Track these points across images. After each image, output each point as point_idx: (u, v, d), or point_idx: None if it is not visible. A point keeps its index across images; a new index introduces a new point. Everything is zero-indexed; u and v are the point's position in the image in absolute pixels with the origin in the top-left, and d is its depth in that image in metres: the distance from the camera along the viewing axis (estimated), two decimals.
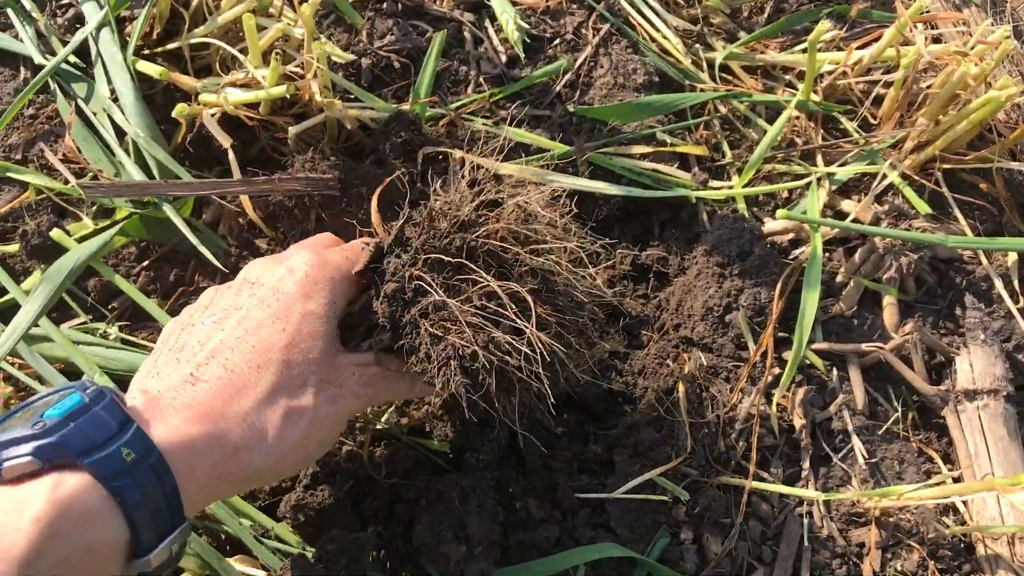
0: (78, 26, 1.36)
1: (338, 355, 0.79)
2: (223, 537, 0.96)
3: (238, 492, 0.75)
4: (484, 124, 1.29)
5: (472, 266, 0.78)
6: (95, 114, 1.25)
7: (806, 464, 1.10)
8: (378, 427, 1.03)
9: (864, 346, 1.16)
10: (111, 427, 0.62)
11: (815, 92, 1.38)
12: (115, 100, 1.25)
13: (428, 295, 0.77)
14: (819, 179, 1.29)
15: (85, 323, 1.15)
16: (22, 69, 1.35)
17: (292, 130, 1.20)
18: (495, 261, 0.80)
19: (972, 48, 1.27)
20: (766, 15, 1.52)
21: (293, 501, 0.96)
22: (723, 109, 1.39)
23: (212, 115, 1.19)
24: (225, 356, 0.72)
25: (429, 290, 0.77)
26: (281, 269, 0.80)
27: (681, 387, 1.11)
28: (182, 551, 0.67)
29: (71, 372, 1.07)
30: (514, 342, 0.76)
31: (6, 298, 1.13)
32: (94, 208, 1.22)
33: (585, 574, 1.00)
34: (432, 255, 0.79)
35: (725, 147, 1.35)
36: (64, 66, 1.30)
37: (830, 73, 1.38)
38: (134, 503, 0.60)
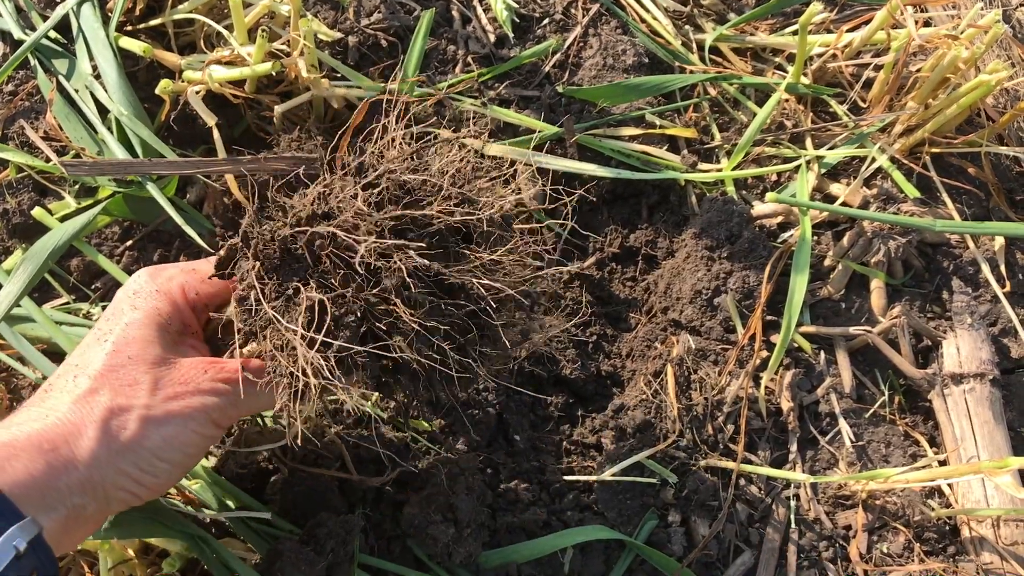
0: (58, 1, 1.33)
1: (181, 357, 0.76)
2: (209, 520, 0.95)
3: (103, 503, 0.69)
4: (472, 104, 1.28)
5: (315, 271, 0.70)
6: (77, 91, 1.23)
7: (793, 447, 1.10)
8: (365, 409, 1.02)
9: (852, 329, 1.16)
10: None
11: (805, 75, 1.37)
12: (97, 77, 1.23)
13: (261, 305, 0.70)
14: (808, 162, 1.28)
15: (68, 303, 1.14)
16: (1, 44, 1.32)
17: (278, 109, 1.19)
18: (342, 262, 0.70)
19: (963, 32, 1.27)
20: None
21: (281, 484, 0.96)
22: (713, 91, 1.38)
23: (197, 92, 1.17)
24: (51, 383, 0.73)
25: (262, 301, 0.70)
26: (119, 294, 0.79)
27: (669, 370, 1.11)
28: (42, 554, 0.64)
29: (53, 353, 1.05)
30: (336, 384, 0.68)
31: None
32: (76, 187, 1.20)
33: (573, 556, 0.99)
34: (267, 261, 0.71)
35: (714, 129, 1.35)
36: (44, 41, 1.28)
37: (820, 56, 1.38)
38: None
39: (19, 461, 0.64)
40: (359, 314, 0.69)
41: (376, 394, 0.84)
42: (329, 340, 0.67)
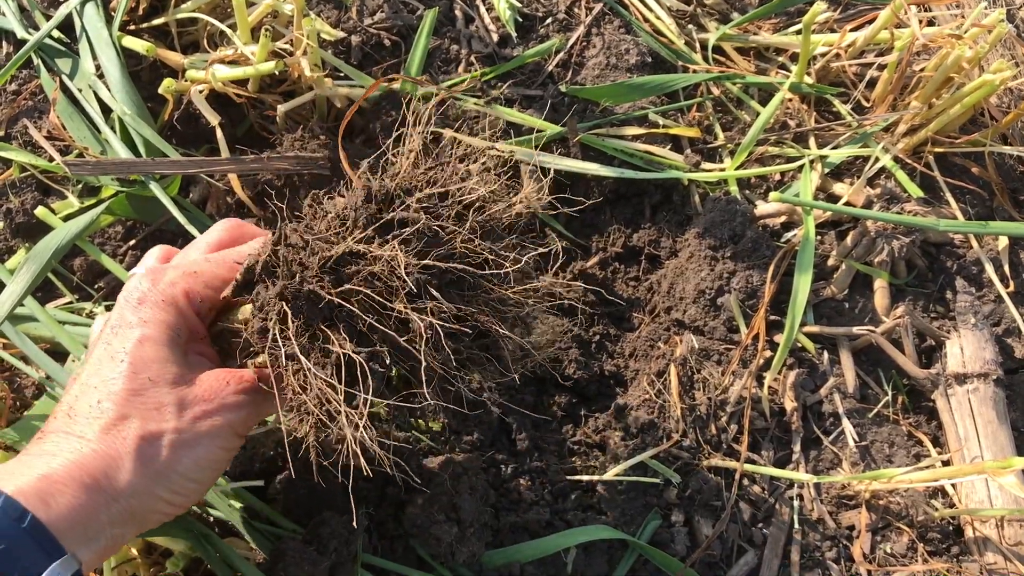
0: (62, 0, 1.33)
1: (203, 373, 0.76)
2: (212, 520, 0.96)
3: (138, 528, 0.71)
4: (475, 104, 1.27)
5: (346, 308, 0.68)
6: (80, 90, 1.23)
7: (797, 447, 1.10)
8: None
9: (855, 329, 1.16)
10: None
11: (808, 74, 1.37)
12: (100, 76, 1.23)
13: (288, 342, 0.69)
14: (812, 162, 1.28)
15: (71, 303, 1.14)
16: (4, 44, 1.32)
17: (281, 108, 1.19)
18: (371, 311, 0.69)
19: (966, 31, 1.27)
20: None
21: (283, 483, 0.96)
22: (716, 91, 1.38)
23: (200, 92, 1.17)
24: (71, 405, 0.72)
25: (289, 338, 0.69)
26: (120, 301, 0.77)
27: (673, 370, 1.11)
28: None
29: (57, 352, 1.05)
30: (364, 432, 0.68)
31: None
32: (80, 186, 1.20)
33: (576, 556, 0.99)
34: (294, 303, 0.69)
35: (718, 129, 1.34)
36: (48, 41, 1.28)
37: (823, 55, 1.38)
38: None
39: (63, 496, 0.64)
40: (387, 361, 0.69)
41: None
42: (360, 393, 0.68)
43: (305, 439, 0.74)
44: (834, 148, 1.31)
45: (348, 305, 0.68)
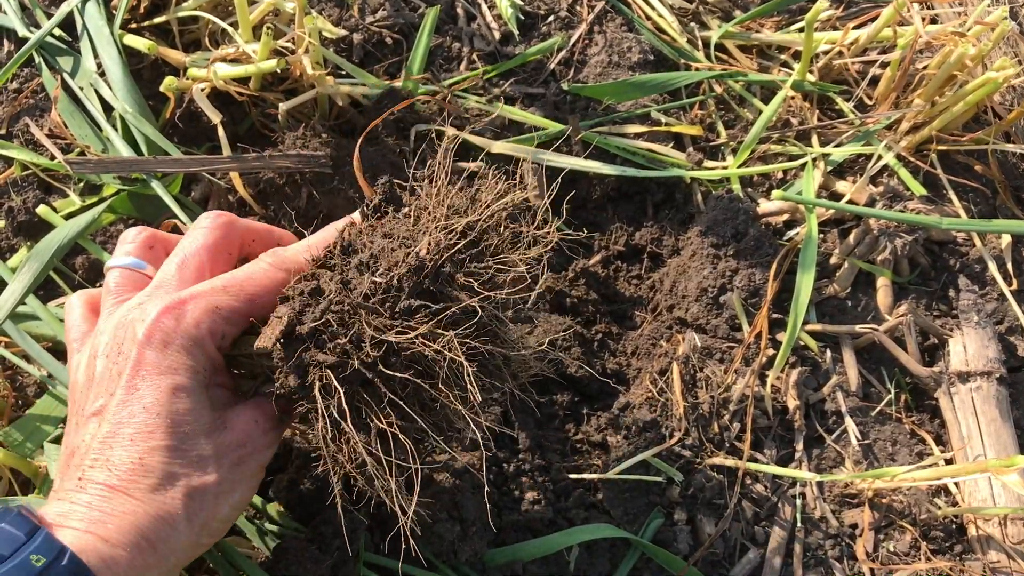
0: None
1: (232, 413, 0.75)
2: None
3: (179, 570, 0.74)
4: (477, 102, 1.27)
5: (383, 391, 0.69)
6: (81, 89, 1.23)
7: (799, 445, 1.10)
8: None
9: (858, 327, 1.16)
10: (18, 538, 0.62)
11: (811, 72, 1.37)
12: (102, 75, 1.23)
13: (328, 402, 0.69)
14: (814, 160, 1.28)
15: None
16: (5, 42, 1.32)
17: (283, 106, 1.19)
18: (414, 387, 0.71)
19: (969, 29, 1.27)
20: None
21: (286, 482, 0.95)
22: (718, 89, 1.38)
23: (201, 90, 1.17)
24: (106, 455, 0.70)
25: (329, 403, 0.69)
26: (139, 335, 0.72)
27: (675, 368, 1.11)
28: None
29: (58, 351, 1.05)
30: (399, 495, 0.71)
31: None
32: (81, 184, 1.20)
33: (579, 555, 0.99)
34: (340, 375, 0.69)
35: (720, 127, 1.34)
36: (49, 39, 1.28)
37: (826, 53, 1.37)
38: None
39: (122, 558, 0.65)
40: (423, 426, 0.71)
41: None
42: (397, 461, 0.70)
43: (330, 477, 0.75)
44: (837, 146, 1.30)
45: (392, 384, 0.70)
